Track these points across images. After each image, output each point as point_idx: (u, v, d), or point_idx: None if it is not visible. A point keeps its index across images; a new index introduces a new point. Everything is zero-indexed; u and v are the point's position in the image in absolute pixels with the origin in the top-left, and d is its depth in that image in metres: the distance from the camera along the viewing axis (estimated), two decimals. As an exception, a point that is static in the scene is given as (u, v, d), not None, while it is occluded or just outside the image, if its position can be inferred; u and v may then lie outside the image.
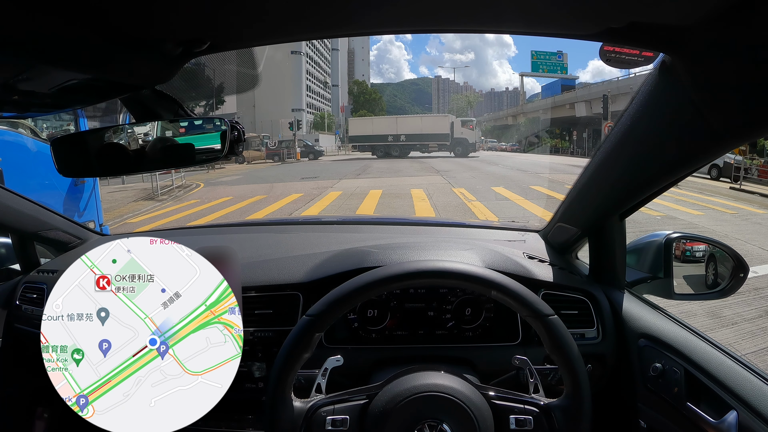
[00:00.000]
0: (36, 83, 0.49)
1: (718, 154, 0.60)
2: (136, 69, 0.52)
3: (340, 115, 69.29)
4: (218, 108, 21.54)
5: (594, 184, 0.86)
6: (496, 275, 0.73)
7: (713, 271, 1.04)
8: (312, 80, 64.36)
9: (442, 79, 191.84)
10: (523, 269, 0.99)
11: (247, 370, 0.96)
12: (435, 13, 0.47)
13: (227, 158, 0.68)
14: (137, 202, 9.28)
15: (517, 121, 41.55)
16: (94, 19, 0.41)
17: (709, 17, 0.42)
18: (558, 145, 32.58)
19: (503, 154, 33.30)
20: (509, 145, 40.11)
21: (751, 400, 0.67)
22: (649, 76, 0.59)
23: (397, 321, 1.01)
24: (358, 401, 0.73)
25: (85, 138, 0.78)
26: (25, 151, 4.05)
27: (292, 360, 0.70)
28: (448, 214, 6.92)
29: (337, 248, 1.09)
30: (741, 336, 2.88)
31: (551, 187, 9.68)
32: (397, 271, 0.73)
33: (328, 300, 0.72)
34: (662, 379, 0.82)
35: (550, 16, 0.47)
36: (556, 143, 32.87)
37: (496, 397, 0.74)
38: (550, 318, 0.71)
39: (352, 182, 11.72)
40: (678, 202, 7.56)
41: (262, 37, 0.54)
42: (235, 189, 11.06)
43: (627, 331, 0.92)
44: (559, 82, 39.56)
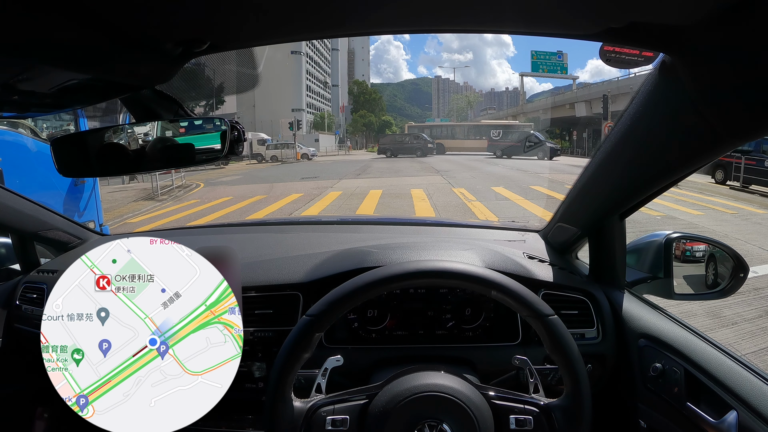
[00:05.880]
0: (36, 83, 0.49)
1: (718, 154, 0.60)
2: (136, 69, 0.52)
3: (340, 115, 69.28)
4: (218, 108, 21.54)
5: (594, 184, 0.86)
6: (496, 275, 0.73)
7: (713, 271, 1.04)
8: (312, 80, 64.36)
9: (441, 79, 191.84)
10: (523, 269, 0.99)
11: (247, 370, 0.96)
12: (435, 13, 0.47)
13: (227, 158, 0.68)
14: (137, 202, 9.28)
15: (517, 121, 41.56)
16: (94, 19, 0.41)
17: (709, 17, 0.42)
18: (558, 145, 32.53)
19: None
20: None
21: (751, 400, 0.67)
22: (649, 76, 0.59)
23: (397, 321, 1.01)
24: (358, 401, 0.73)
25: (85, 138, 0.78)
26: (25, 151, 4.05)
27: (292, 360, 0.70)
28: (448, 214, 6.92)
29: (337, 248, 1.09)
30: (741, 336, 2.88)
31: (551, 187, 9.68)
32: (397, 271, 0.73)
33: (328, 300, 0.72)
34: (662, 379, 0.82)
35: (550, 15, 0.47)
36: (556, 143, 32.83)
37: (496, 397, 0.74)
38: (550, 318, 0.71)
39: (352, 182, 11.72)
40: (678, 202, 7.56)
41: (262, 37, 0.54)
42: (235, 189, 11.06)
43: (627, 331, 0.92)
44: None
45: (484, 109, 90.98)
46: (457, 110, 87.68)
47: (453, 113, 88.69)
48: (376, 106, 64.01)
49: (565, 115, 32.04)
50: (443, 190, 9.63)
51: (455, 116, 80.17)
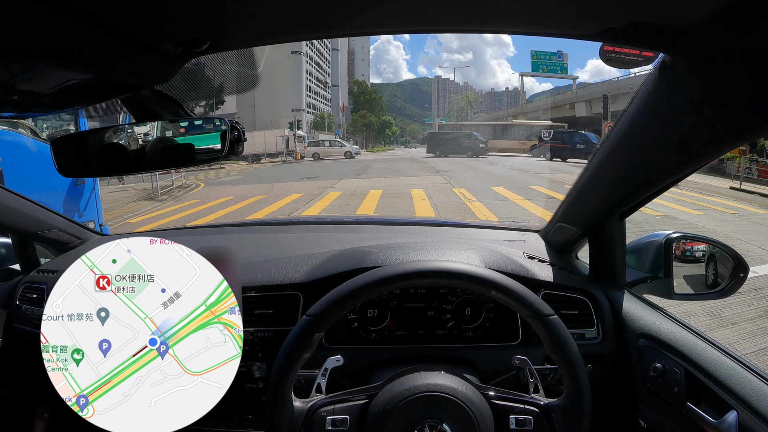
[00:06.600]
0: (36, 83, 0.49)
1: (718, 154, 0.60)
2: (136, 69, 0.52)
3: (340, 115, 69.28)
4: (218, 108, 21.52)
5: (594, 184, 0.86)
6: (496, 275, 0.73)
7: (713, 271, 1.04)
8: (312, 80, 64.36)
9: (441, 79, 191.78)
10: (523, 269, 0.99)
11: (247, 370, 0.96)
12: (435, 13, 0.47)
13: (227, 158, 0.68)
14: (137, 202, 9.28)
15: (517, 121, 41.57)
16: (94, 20, 0.41)
17: (709, 17, 0.42)
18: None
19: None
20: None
21: (751, 400, 0.67)
22: (649, 76, 0.59)
23: (397, 321, 1.01)
24: (358, 401, 0.73)
25: (85, 138, 0.78)
26: (25, 151, 4.05)
27: (292, 360, 0.70)
28: (448, 214, 6.91)
29: (337, 248, 1.09)
30: (741, 336, 2.88)
31: (551, 187, 9.67)
32: (397, 271, 0.73)
33: (328, 300, 0.72)
34: (662, 379, 0.82)
35: (550, 15, 0.47)
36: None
37: (496, 397, 0.74)
38: (550, 318, 0.71)
39: (352, 182, 11.71)
40: (678, 202, 7.56)
41: (262, 37, 0.54)
42: (235, 189, 11.05)
43: (627, 331, 0.92)
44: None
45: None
46: (457, 110, 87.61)
47: (453, 113, 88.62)
48: (376, 106, 64.01)
49: (565, 115, 32.06)
50: (443, 190, 9.62)
51: (455, 116, 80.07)
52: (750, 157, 12.50)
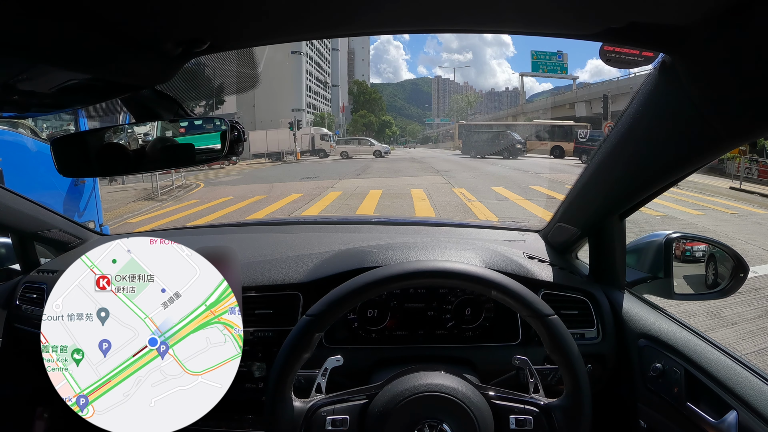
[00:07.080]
0: (36, 83, 0.49)
1: (718, 153, 0.60)
2: (136, 69, 0.52)
3: (340, 115, 69.27)
4: (218, 108, 21.49)
5: (594, 184, 0.86)
6: (496, 275, 0.73)
7: (713, 271, 1.04)
8: (312, 80, 64.33)
9: (441, 79, 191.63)
10: (523, 269, 0.99)
11: (247, 370, 0.96)
12: (435, 13, 0.47)
13: (227, 158, 0.68)
14: (137, 202, 9.28)
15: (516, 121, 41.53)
16: (94, 19, 0.41)
17: (709, 17, 0.42)
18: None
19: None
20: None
21: (751, 400, 0.67)
22: (649, 76, 0.59)
23: (397, 321, 1.01)
24: (358, 401, 0.73)
25: (85, 138, 0.78)
26: (25, 151, 4.05)
27: (292, 360, 0.70)
28: (448, 214, 6.91)
29: (337, 248, 1.09)
30: (741, 336, 2.88)
31: (551, 187, 9.67)
32: (397, 271, 0.73)
33: (328, 300, 0.72)
34: (662, 379, 0.82)
35: (550, 16, 0.47)
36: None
37: (496, 397, 0.74)
38: (550, 318, 0.71)
39: (352, 182, 11.71)
40: (678, 202, 7.56)
41: (262, 37, 0.54)
42: (235, 189, 11.05)
43: (627, 331, 0.92)
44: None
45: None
46: (457, 110, 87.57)
47: (453, 113, 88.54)
48: (376, 106, 64.03)
49: (565, 115, 32.03)
50: (443, 190, 9.62)
51: (455, 116, 79.96)
52: (750, 157, 12.50)
